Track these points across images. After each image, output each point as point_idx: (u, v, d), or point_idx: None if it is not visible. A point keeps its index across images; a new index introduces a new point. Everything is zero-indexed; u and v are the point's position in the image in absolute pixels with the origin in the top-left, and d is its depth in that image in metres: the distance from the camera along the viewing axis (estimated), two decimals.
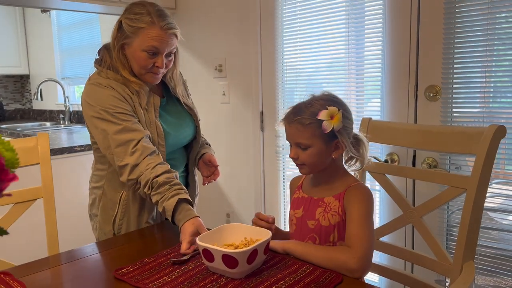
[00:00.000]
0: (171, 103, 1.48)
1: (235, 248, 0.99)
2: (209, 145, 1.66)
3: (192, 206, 1.24)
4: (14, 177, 0.48)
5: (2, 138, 0.57)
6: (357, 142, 1.16)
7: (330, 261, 1.02)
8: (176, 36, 1.33)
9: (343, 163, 1.20)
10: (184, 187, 1.27)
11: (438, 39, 1.61)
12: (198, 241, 0.96)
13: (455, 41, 1.58)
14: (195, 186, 1.57)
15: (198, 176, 1.62)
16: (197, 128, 1.52)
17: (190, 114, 1.50)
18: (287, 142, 1.17)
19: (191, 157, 1.54)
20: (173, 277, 0.97)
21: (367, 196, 1.11)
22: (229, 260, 0.91)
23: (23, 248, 1.85)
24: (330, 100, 1.12)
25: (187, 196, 1.22)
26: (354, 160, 1.19)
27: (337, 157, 1.14)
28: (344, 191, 1.12)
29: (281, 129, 1.18)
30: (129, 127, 1.27)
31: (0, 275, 1.04)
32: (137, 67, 1.32)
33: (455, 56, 1.59)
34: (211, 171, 1.54)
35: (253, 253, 0.92)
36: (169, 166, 1.29)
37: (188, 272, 1.00)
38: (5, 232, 0.57)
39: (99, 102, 1.29)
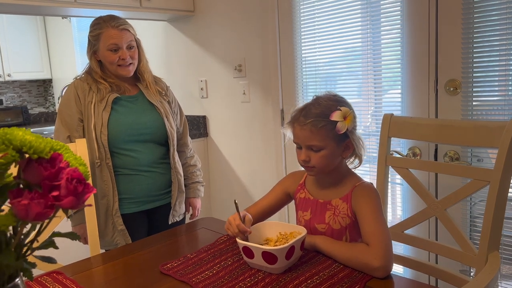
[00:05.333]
0: (141, 100, 1.70)
1: (275, 242, 1.06)
2: (200, 182, 1.89)
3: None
4: (93, 189, 0.55)
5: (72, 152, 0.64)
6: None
7: (352, 262, 1.02)
8: (129, 30, 1.63)
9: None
10: None
11: (457, 33, 1.64)
12: (238, 240, 1.03)
13: (474, 35, 1.60)
14: (177, 184, 1.75)
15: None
16: (168, 125, 1.72)
17: (158, 112, 1.70)
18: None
19: (170, 156, 1.73)
20: (214, 271, 1.04)
21: (374, 193, 1.12)
22: (269, 256, 0.97)
23: (64, 250, 1.95)
24: (338, 100, 1.13)
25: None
26: (353, 158, 1.19)
27: (347, 156, 1.15)
28: (351, 192, 1.13)
29: (287, 131, 1.18)
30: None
31: (53, 274, 1.13)
32: (108, 65, 1.62)
33: (474, 50, 1.61)
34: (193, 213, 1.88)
35: (291, 249, 0.99)
36: None
37: (228, 267, 1.06)
38: (78, 237, 0.64)
39: (61, 101, 1.67)
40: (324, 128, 1.09)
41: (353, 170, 1.22)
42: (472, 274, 1.68)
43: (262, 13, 2.36)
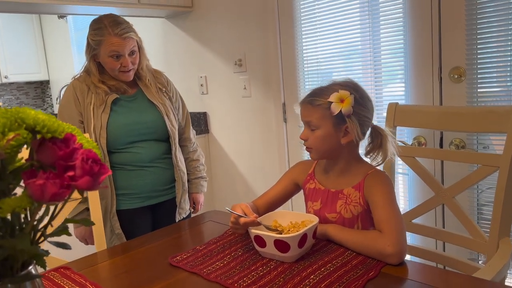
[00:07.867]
0: (140, 98, 1.67)
1: (287, 231, 1.04)
2: (203, 177, 1.87)
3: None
4: (108, 170, 0.53)
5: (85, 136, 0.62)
6: (376, 134, 1.13)
7: (365, 250, 1.01)
8: (132, 37, 1.58)
9: (359, 153, 1.17)
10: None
11: (460, 19, 1.63)
12: (249, 229, 1.01)
13: (478, 21, 1.59)
14: (180, 182, 1.73)
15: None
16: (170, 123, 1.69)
17: (158, 111, 1.68)
18: None
19: (172, 154, 1.71)
20: (225, 262, 1.03)
21: (387, 181, 1.10)
22: (281, 245, 0.96)
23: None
24: (346, 85, 1.11)
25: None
26: (375, 153, 1.15)
27: (346, 143, 1.11)
28: (363, 180, 1.11)
29: (298, 111, 1.18)
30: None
31: (60, 269, 1.11)
32: (109, 70, 1.60)
33: (478, 36, 1.60)
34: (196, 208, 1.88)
35: (303, 237, 0.97)
36: None
37: (238, 257, 1.05)
38: (92, 223, 0.62)
39: (61, 102, 1.65)
40: (320, 107, 1.09)
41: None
42: (480, 262, 1.67)
43: (262, 6, 2.34)
